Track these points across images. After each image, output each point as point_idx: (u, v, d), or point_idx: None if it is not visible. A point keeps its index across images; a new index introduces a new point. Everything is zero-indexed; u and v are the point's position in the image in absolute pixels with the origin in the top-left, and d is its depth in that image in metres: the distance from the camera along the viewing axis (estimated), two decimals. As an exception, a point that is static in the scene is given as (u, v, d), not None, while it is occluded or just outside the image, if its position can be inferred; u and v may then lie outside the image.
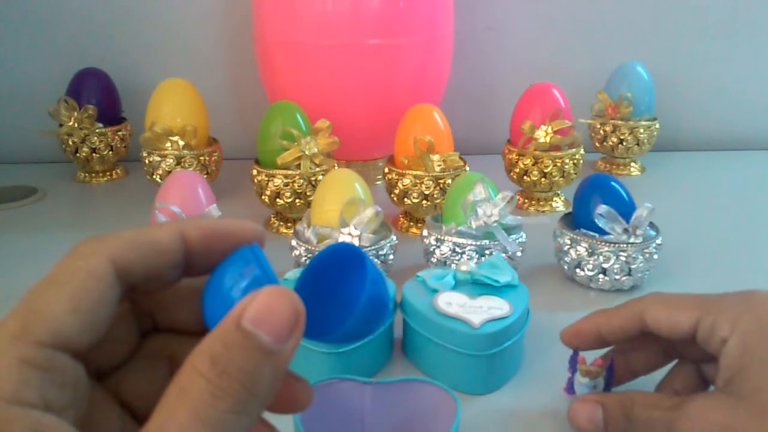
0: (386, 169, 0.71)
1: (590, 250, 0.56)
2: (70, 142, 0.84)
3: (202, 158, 0.76)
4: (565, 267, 0.59)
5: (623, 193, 0.58)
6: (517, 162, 0.76)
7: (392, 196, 0.70)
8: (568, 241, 0.57)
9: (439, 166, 0.68)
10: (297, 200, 0.68)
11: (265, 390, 0.20)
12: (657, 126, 0.88)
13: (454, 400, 0.37)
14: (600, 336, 0.38)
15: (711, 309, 0.34)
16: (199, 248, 0.23)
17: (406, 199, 0.69)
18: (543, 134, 0.74)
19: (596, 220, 0.56)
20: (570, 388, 0.41)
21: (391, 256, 0.57)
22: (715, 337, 0.33)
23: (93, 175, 0.88)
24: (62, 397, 0.19)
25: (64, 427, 0.19)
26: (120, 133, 0.86)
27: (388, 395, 0.39)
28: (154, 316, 0.25)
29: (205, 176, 0.74)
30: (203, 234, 0.23)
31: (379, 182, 0.86)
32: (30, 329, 0.19)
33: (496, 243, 0.55)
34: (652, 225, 0.59)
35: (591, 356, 0.39)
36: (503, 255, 0.55)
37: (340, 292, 0.22)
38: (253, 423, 0.20)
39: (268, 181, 0.68)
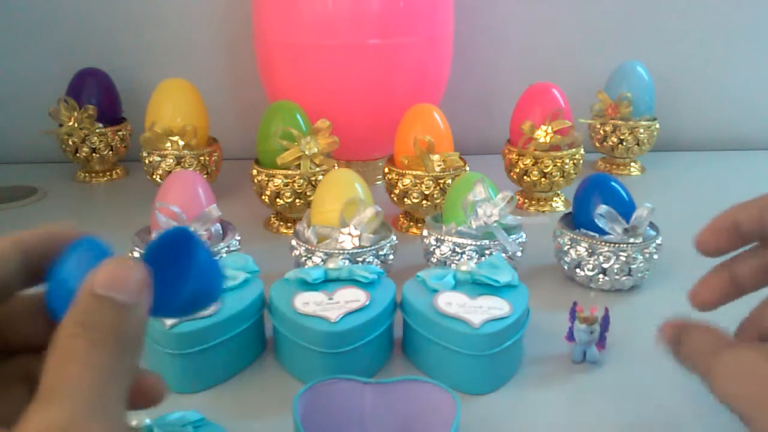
0: (386, 169, 0.71)
1: (590, 250, 0.56)
2: (70, 142, 0.84)
3: (202, 158, 0.76)
4: (565, 267, 0.59)
5: (623, 193, 0.58)
6: (517, 162, 0.76)
7: (392, 196, 0.70)
8: (568, 241, 0.57)
9: (439, 166, 0.68)
10: (297, 200, 0.68)
11: (135, 335, 0.22)
12: (657, 126, 0.88)
13: (454, 400, 0.37)
14: (738, 229, 0.32)
15: None
16: (36, 251, 0.24)
17: (406, 199, 0.69)
18: (543, 134, 0.74)
19: (596, 220, 0.56)
20: (570, 336, 0.47)
21: (391, 256, 0.57)
22: None
23: (93, 175, 0.88)
24: None
25: None
26: (120, 133, 0.86)
27: (388, 395, 0.39)
28: (4, 337, 0.26)
29: (205, 176, 0.74)
30: (37, 238, 0.24)
31: (379, 182, 0.86)
32: None
33: (496, 243, 0.55)
34: (652, 225, 0.59)
35: (587, 306, 0.46)
36: (503, 255, 0.55)
37: (175, 271, 0.24)
38: (132, 366, 0.21)
39: (268, 181, 0.68)
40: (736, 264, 0.32)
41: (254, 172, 0.70)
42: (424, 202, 0.68)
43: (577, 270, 0.57)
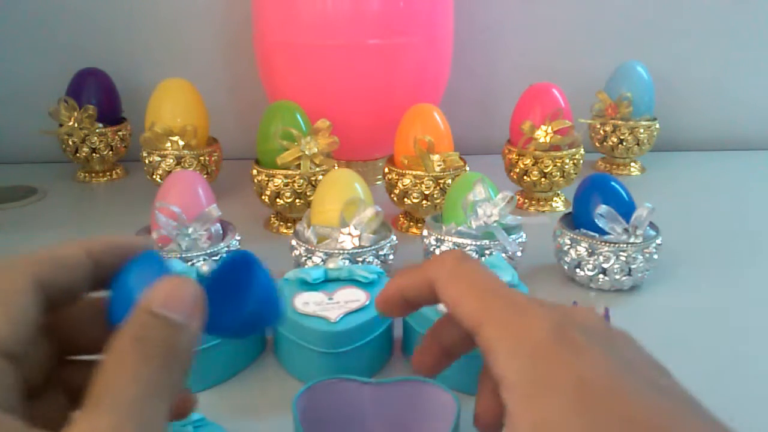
0: (386, 169, 0.71)
1: (590, 250, 0.56)
2: (70, 142, 0.84)
3: (202, 158, 0.76)
4: (565, 267, 0.58)
5: (623, 193, 0.58)
6: (517, 162, 0.76)
7: (392, 196, 0.70)
8: (568, 241, 0.57)
9: (439, 166, 0.68)
10: (297, 200, 0.68)
11: (184, 353, 0.23)
12: (657, 126, 0.88)
13: (454, 400, 0.37)
14: (405, 300, 0.31)
15: (489, 316, 0.25)
16: (104, 260, 0.25)
17: (406, 199, 0.69)
18: (543, 134, 0.74)
19: (596, 220, 0.56)
20: None
21: (391, 256, 0.57)
22: (492, 366, 0.24)
23: (93, 175, 0.88)
24: (7, 399, 0.21)
25: (19, 424, 0.20)
26: (120, 133, 0.86)
27: (388, 395, 0.39)
28: (66, 339, 0.27)
29: (205, 176, 0.74)
30: (106, 247, 0.26)
31: (379, 182, 0.86)
32: None
33: (496, 243, 0.55)
34: (652, 225, 0.59)
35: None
36: (503, 255, 0.55)
37: (235, 294, 0.25)
38: (179, 383, 0.22)
39: (268, 181, 0.68)
40: (442, 335, 0.31)
41: (254, 172, 0.70)
42: (424, 202, 0.68)
43: (577, 270, 0.57)
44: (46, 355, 0.26)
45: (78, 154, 0.85)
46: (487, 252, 0.55)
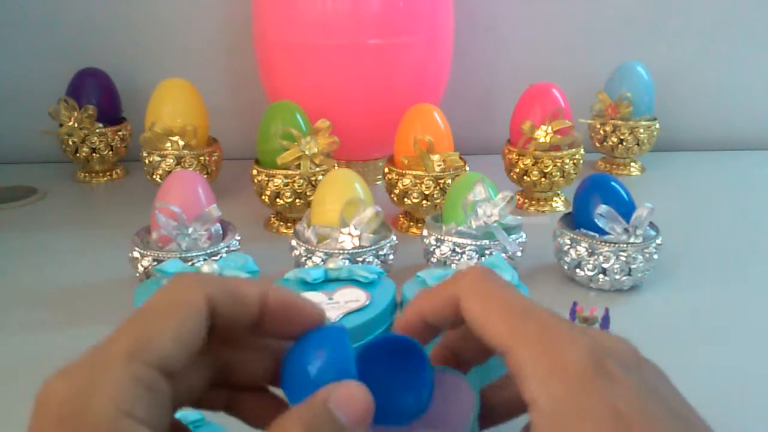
0: (386, 169, 0.71)
1: (590, 250, 0.56)
2: (70, 142, 0.84)
3: (202, 158, 0.76)
4: (565, 267, 0.58)
5: (623, 193, 0.58)
6: (517, 162, 0.76)
7: (392, 196, 0.70)
8: (568, 241, 0.57)
9: (439, 166, 0.68)
10: (297, 200, 0.68)
11: None
12: (657, 126, 0.88)
13: (471, 388, 0.36)
14: (426, 324, 0.29)
15: (521, 339, 0.25)
16: (273, 314, 0.26)
17: (406, 199, 0.69)
18: (543, 134, 0.74)
19: (596, 220, 0.56)
20: None
21: (391, 256, 0.57)
22: (524, 389, 0.24)
23: (93, 175, 0.88)
24: (161, 419, 0.21)
25: None
26: (120, 133, 0.86)
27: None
28: (227, 376, 0.27)
29: (205, 176, 0.74)
30: (282, 304, 0.26)
31: (379, 182, 0.86)
32: (142, 352, 0.21)
33: (496, 243, 0.55)
34: (652, 225, 0.59)
35: (587, 306, 0.45)
36: (503, 255, 0.55)
37: (395, 377, 0.26)
38: None
39: (268, 181, 0.68)
40: (456, 345, 0.31)
41: (254, 172, 0.70)
42: (424, 202, 0.68)
43: (577, 270, 0.57)
44: (203, 379, 0.26)
45: (78, 154, 0.85)
46: (487, 252, 0.55)
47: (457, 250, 0.56)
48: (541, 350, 0.24)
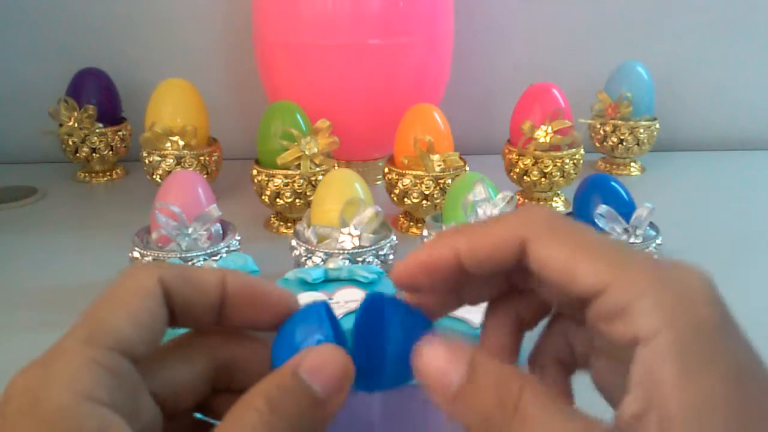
0: (386, 169, 0.71)
1: (590, 250, 0.56)
2: (70, 142, 0.84)
3: (202, 158, 0.76)
4: (565, 267, 0.58)
5: (623, 193, 0.58)
6: (517, 162, 0.76)
7: (392, 196, 0.70)
8: (568, 241, 0.57)
9: (439, 166, 0.68)
10: (297, 200, 0.68)
11: (314, 430, 0.21)
12: (657, 126, 0.88)
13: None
14: (458, 266, 0.24)
15: (629, 270, 0.21)
16: (234, 299, 0.25)
17: (406, 199, 0.69)
18: (543, 134, 0.74)
19: (596, 220, 0.56)
20: None
21: (391, 256, 0.57)
22: (629, 326, 0.20)
23: (93, 175, 0.88)
24: (126, 403, 0.21)
25: (127, 429, 0.20)
26: (120, 133, 0.86)
27: (398, 400, 0.38)
28: (229, 376, 0.26)
29: (205, 176, 0.74)
30: (243, 289, 0.25)
31: (379, 182, 0.85)
32: (98, 336, 0.21)
33: (496, 243, 0.55)
34: (652, 225, 0.59)
35: None
36: (503, 255, 0.55)
37: (389, 338, 0.24)
38: None
39: (268, 181, 0.68)
40: (514, 305, 0.28)
41: (254, 172, 0.70)
42: (424, 202, 0.68)
43: (577, 270, 0.57)
44: (201, 377, 0.25)
45: (78, 154, 0.85)
46: (487, 252, 0.55)
47: (457, 250, 0.55)
48: (657, 277, 0.20)
